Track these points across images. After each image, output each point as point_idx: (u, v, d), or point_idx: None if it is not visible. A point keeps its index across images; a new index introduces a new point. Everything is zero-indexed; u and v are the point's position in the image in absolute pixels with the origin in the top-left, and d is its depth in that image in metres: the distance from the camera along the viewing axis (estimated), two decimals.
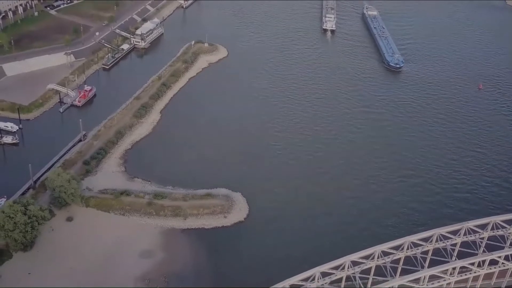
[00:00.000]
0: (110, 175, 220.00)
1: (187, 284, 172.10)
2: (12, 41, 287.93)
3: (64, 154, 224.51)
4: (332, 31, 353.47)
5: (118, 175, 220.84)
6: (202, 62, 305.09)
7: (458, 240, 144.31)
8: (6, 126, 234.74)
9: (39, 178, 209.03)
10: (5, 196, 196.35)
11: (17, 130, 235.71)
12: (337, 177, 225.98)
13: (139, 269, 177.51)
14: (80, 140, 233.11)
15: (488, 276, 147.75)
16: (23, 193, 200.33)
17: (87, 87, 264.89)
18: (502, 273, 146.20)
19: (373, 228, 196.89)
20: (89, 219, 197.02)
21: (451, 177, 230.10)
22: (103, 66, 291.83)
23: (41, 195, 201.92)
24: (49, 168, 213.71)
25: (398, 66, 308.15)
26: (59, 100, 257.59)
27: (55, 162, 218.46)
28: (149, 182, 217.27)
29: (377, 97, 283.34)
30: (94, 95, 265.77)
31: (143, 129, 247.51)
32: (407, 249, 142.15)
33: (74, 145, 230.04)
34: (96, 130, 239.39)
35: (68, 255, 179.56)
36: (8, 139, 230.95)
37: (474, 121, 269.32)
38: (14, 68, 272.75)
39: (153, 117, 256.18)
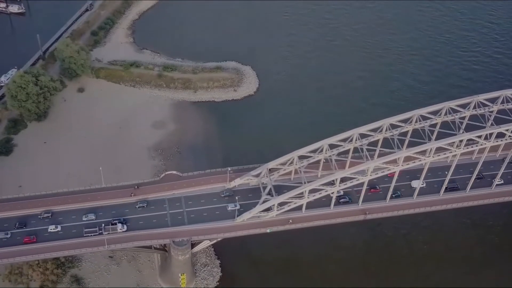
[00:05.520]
0: (118, 46, 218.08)
1: (198, 154, 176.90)
2: None
3: (72, 24, 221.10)
4: None
5: (126, 46, 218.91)
6: None
7: (467, 113, 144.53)
8: None
9: (47, 48, 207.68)
10: (15, 67, 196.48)
11: None
12: (347, 48, 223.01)
13: (152, 139, 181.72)
14: (86, 10, 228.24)
15: (494, 149, 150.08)
16: (33, 64, 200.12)
17: None
18: (508, 146, 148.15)
19: (383, 102, 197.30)
20: (100, 90, 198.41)
21: (463, 49, 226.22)
22: None
23: (51, 66, 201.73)
24: (57, 39, 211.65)
25: None
26: None
27: (63, 33, 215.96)
28: (158, 54, 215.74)
29: None
30: None
31: None
32: (416, 122, 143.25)
33: (81, 15, 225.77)
34: None
35: (82, 125, 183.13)
36: (14, 8, 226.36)
37: None
38: None
39: None
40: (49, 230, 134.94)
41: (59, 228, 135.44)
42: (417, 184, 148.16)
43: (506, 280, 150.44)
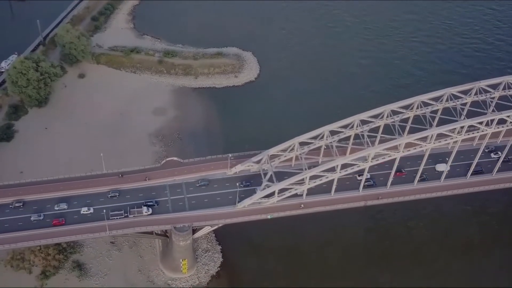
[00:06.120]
0: (119, 31, 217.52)
1: (199, 140, 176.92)
2: None
3: (72, 9, 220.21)
4: None
5: (127, 32, 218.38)
6: None
7: (469, 99, 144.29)
8: None
9: (48, 34, 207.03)
10: (16, 53, 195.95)
11: None
12: (348, 35, 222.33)
13: (153, 125, 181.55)
14: None
15: (495, 135, 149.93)
16: (33, 50, 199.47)
17: None
18: (509, 132, 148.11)
19: (384, 88, 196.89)
20: (101, 76, 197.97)
21: (465, 36, 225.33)
22: None
23: (51, 51, 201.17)
24: (58, 24, 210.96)
25: None
26: None
27: (63, 18, 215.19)
28: (159, 40, 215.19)
29: None
30: None
31: None
32: (417, 108, 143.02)
33: (81, 0, 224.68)
34: None
35: (83, 111, 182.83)
36: None
37: None
38: None
39: None
40: (81, 212, 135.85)
41: (91, 210, 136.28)
42: (443, 167, 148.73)
43: (506, 267, 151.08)
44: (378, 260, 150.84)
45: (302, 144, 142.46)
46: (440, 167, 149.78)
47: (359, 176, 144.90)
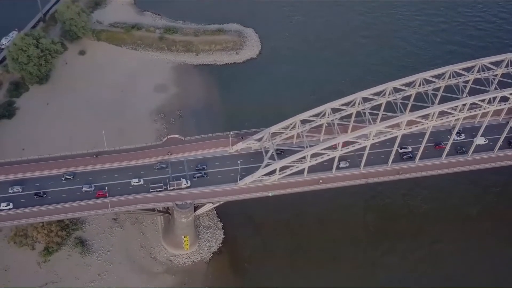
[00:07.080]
0: (119, 8, 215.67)
1: (201, 118, 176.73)
2: None
3: None
4: None
5: (127, 8, 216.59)
6: None
7: (471, 77, 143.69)
8: None
9: (48, 10, 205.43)
10: (16, 29, 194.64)
11: None
12: (351, 15, 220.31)
13: (154, 102, 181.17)
14: None
15: (497, 113, 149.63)
16: (33, 26, 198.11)
17: None
18: (511, 110, 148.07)
19: (386, 66, 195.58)
20: (102, 52, 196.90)
21: (468, 13, 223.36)
22: None
23: (51, 28, 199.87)
24: (58, 1, 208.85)
25: None
26: None
27: None
28: (159, 16, 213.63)
29: None
30: None
31: None
32: (419, 85, 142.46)
33: None
34: None
35: (84, 88, 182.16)
36: None
37: None
38: None
39: None
40: (132, 184, 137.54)
41: (141, 182, 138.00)
42: (481, 141, 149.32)
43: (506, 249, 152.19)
44: (379, 239, 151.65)
45: (303, 121, 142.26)
46: (479, 140, 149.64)
47: (401, 149, 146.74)
